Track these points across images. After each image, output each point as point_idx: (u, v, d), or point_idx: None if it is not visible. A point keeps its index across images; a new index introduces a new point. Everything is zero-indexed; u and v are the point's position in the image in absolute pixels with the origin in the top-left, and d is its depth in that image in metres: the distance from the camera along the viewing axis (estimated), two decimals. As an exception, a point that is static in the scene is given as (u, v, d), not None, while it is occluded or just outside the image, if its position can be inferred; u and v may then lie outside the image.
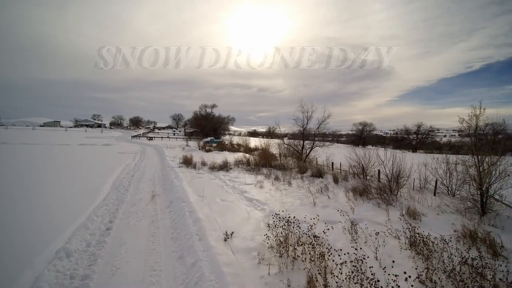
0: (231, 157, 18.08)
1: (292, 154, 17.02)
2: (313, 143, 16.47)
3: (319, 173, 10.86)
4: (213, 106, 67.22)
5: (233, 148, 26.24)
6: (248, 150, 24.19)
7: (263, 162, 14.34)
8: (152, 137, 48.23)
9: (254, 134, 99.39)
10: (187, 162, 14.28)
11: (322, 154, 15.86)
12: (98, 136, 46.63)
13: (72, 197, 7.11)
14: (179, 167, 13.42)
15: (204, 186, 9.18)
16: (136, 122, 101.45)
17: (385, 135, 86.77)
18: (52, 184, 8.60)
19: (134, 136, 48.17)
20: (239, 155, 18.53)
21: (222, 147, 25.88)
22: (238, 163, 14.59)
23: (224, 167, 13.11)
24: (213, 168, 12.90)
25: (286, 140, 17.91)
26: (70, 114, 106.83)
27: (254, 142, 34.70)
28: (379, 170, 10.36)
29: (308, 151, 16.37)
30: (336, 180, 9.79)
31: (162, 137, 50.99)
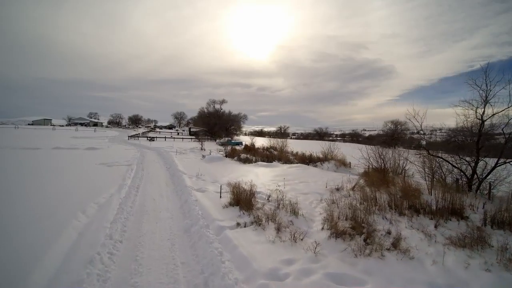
0: (305, 178, 9.79)
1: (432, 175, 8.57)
2: (500, 154, 7.63)
3: None
4: (223, 101, 58.82)
5: (273, 156, 17.60)
6: (304, 159, 15.67)
7: (407, 201, 6.01)
8: (153, 138, 39.83)
9: (260, 133, 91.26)
10: (246, 204, 5.91)
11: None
12: (89, 136, 38.60)
13: None
14: (238, 225, 5.04)
15: None
16: (135, 121, 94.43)
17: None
18: None
19: (131, 136, 39.66)
20: (325, 177, 10.16)
21: (266, 157, 16.68)
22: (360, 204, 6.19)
23: (360, 229, 4.75)
24: (338, 232, 4.52)
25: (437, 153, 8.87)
26: (71, 113, 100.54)
27: (293, 144, 26.33)
28: None
29: (486, 170, 7.63)
30: None
31: (165, 138, 42.62)
